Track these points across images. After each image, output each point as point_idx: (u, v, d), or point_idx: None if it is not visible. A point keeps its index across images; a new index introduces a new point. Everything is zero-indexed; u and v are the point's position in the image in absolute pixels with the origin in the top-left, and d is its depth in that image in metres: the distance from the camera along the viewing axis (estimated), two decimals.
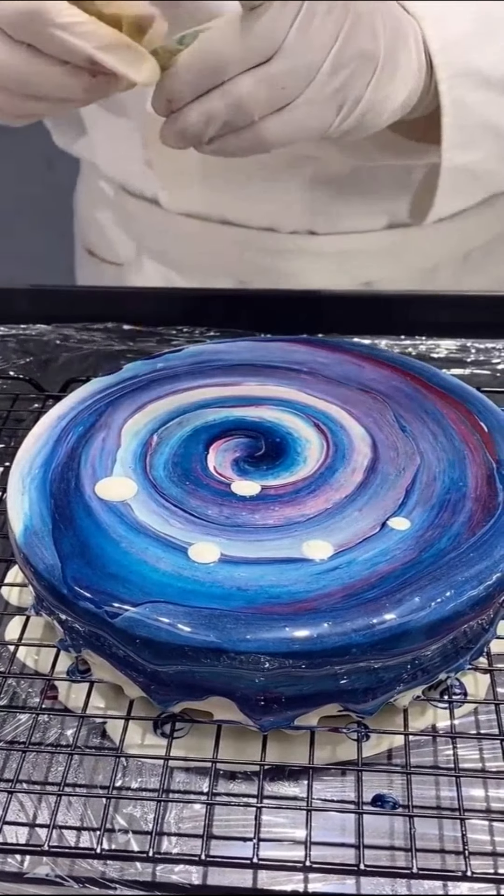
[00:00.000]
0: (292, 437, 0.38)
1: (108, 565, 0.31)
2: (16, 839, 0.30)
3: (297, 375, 0.41)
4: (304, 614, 0.29)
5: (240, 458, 0.37)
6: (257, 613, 0.29)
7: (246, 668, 0.29)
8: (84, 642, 0.32)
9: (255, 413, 0.39)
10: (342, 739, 0.33)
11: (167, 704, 0.31)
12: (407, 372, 0.41)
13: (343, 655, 0.29)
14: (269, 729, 0.31)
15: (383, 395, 0.40)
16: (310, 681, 0.30)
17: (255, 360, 0.42)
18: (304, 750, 0.31)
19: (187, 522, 0.33)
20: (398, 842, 0.30)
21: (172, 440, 0.38)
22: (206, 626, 0.29)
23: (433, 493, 0.34)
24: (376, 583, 0.30)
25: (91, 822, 0.31)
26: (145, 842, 0.30)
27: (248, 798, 0.31)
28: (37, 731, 0.33)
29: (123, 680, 0.32)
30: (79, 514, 0.34)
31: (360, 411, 0.39)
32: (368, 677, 0.30)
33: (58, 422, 0.39)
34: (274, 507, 0.34)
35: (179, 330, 0.54)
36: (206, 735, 0.32)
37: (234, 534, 0.33)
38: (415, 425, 0.38)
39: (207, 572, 0.31)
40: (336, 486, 0.35)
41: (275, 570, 0.31)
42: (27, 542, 0.33)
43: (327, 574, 0.31)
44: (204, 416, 0.39)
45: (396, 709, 0.32)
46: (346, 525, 0.33)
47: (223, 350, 0.43)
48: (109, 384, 0.41)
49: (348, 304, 0.52)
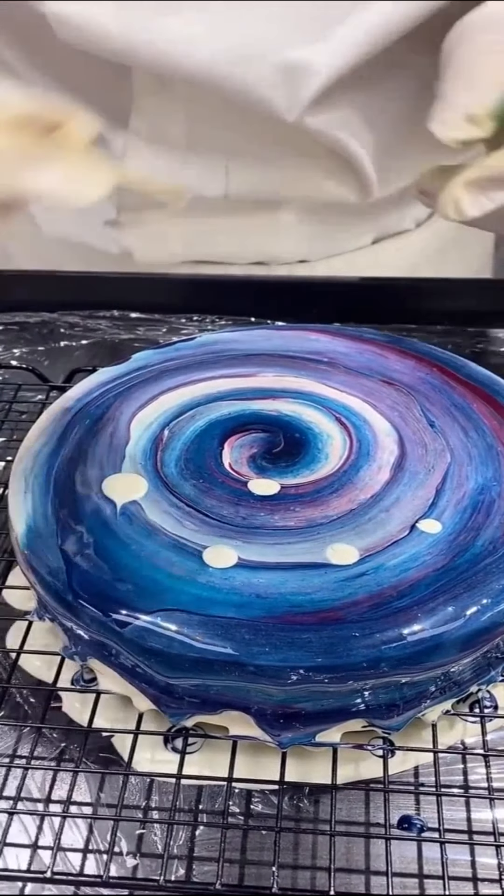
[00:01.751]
0: (313, 432, 0.36)
1: (116, 570, 0.29)
2: (17, 863, 0.28)
3: (317, 366, 0.39)
4: (329, 624, 0.28)
5: (257, 454, 0.35)
6: (278, 623, 0.28)
7: (265, 682, 0.27)
8: (90, 651, 0.30)
9: (272, 406, 0.37)
10: (366, 756, 0.31)
11: (179, 718, 0.30)
12: (433, 362, 0.39)
13: (371, 670, 0.27)
14: (288, 746, 0.29)
15: (409, 388, 0.38)
16: (334, 696, 0.28)
17: (272, 349, 0.40)
18: (325, 767, 0.29)
19: (202, 524, 0.31)
20: (429, 868, 0.28)
21: (185, 435, 0.36)
22: (222, 636, 0.27)
23: (465, 493, 0.32)
24: (406, 591, 0.29)
25: (97, 844, 0.29)
26: (155, 866, 0.28)
27: (266, 819, 0.29)
28: (39, 745, 0.31)
29: (132, 691, 0.30)
30: (85, 514, 0.32)
31: (384, 405, 0.37)
32: (396, 692, 0.28)
33: (63, 415, 0.37)
34: (294, 507, 0.32)
35: (189, 318, 0.52)
36: (221, 750, 0.30)
37: (252, 536, 0.31)
38: (444, 420, 0.36)
39: (224, 578, 0.29)
40: (361, 486, 0.33)
41: (296, 576, 0.29)
42: (30, 543, 0.31)
43: (353, 581, 0.29)
44: (218, 409, 0.37)
45: (423, 723, 0.30)
46: (372, 527, 0.31)
47: (238, 339, 0.41)
48: (117, 375, 0.39)
49: (369, 292, 0.50)
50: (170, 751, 0.31)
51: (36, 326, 0.52)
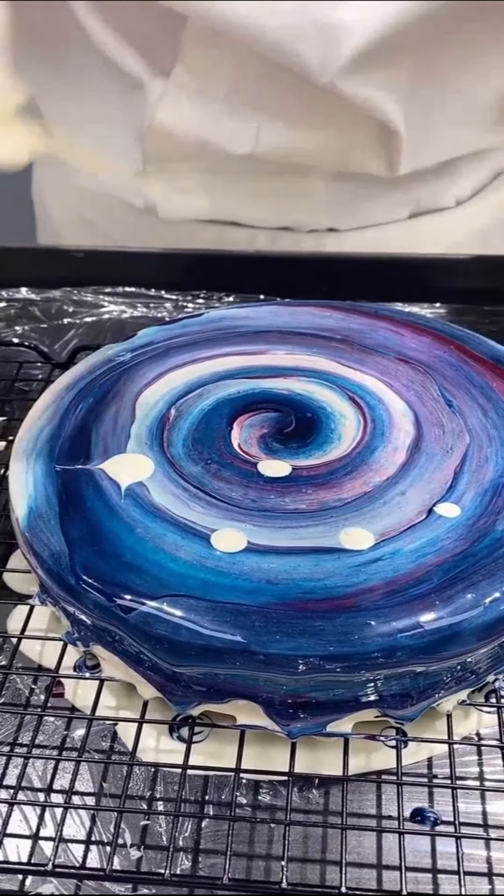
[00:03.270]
0: (325, 411, 0.35)
1: (121, 553, 0.28)
2: (17, 854, 0.28)
3: (329, 343, 0.38)
4: (342, 612, 0.27)
5: (267, 434, 0.34)
6: (289, 610, 0.27)
7: (275, 671, 0.26)
8: (93, 637, 0.29)
9: (283, 385, 0.36)
10: (378, 746, 0.30)
11: (185, 707, 0.29)
12: (450, 340, 0.38)
13: (386, 659, 0.26)
14: (298, 736, 0.28)
15: (425, 366, 0.36)
16: (346, 686, 0.27)
17: (283, 326, 0.39)
18: (335, 757, 0.28)
19: (209, 506, 0.30)
20: (443, 863, 0.27)
21: (192, 414, 0.34)
22: (231, 623, 0.26)
23: (485, 475, 0.31)
24: (424, 577, 0.27)
25: (100, 835, 0.28)
26: (160, 859, 0.27)
27: (275, 811, 0.28)
28: (41, 732, 0.30)
29: (137, 679, 0.29)
30: (89, 495, 0.31)
31: (400, 384, 0.35)
32: (410, 681, 0.27)
33: (65, 392, 0.36)
34: (306, 489, 0.31)
35: (196, 295, 0.51)
36: (228, 740, 0.29)
37: (262, 519, 0.30)
38: (461, 399, 0.35)
39: (232, 563, 0.28)
40: (375, 468, 0.32)
41: (308, 561, 0.28)
42: (31, 525, 0.30)
43: (368, 566, 0.28)
44: (227, 387, 0.36)
45: (437, 713, 0.29)
46: (387, 511, 0.30)
47: (247, 315, 0.40)
48: (122, 351, 0.38)
49: (380, 268, 0.49)
50: (175, 739, 0.30)
51: (38, 303, 0.51)
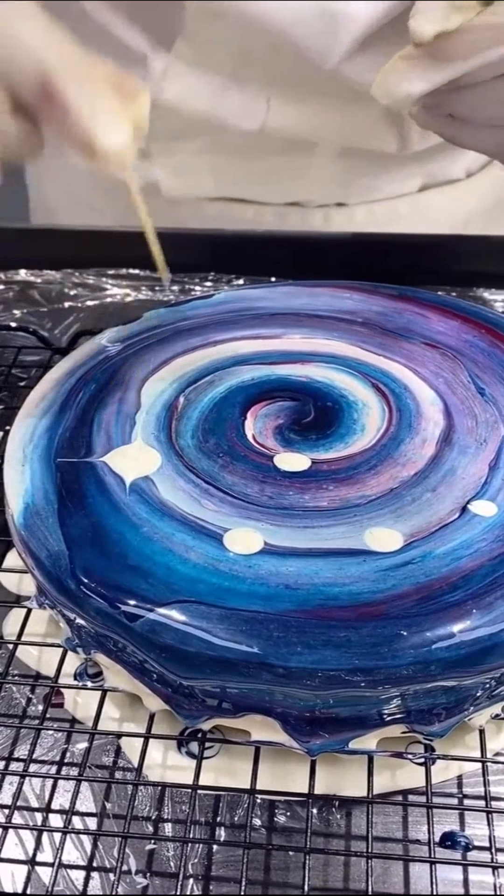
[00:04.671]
0: (346, 400, 0.33)
1: (125, 555, 0.27)
2: (13, 882, 0.26)
3: (350, 327, 0.36)
4: (369, 621, 0.25)
5: (284, 425, 0.32)
6: (311, 619, 0.25)
7: (295, 685, 0.24)
8: (95, 644, 0.28)
9: (300, 371, 0.34)
10: (404, 763, 0.28)
11: (194, 721, 0.27)
12: (481, 323, 0.36)
13: (419, 673, 0.24)
14: (318, 753, 0.26)
15: (454, 352, 0.34)
16: (372, 701, 0.25)
17: (300, 308, 0.37)
18: (358, 776, 0.27)
19: (222, 503, 0.28)
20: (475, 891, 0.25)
21: (202, 403, 0.33)
22: (246, 633, 0.24)
23: None
24: (459, 582, 0.25)
25: (103, 860, 0.26)
26: (168, 887, 0.25)
27: (292, 835, 0.26)
28: (39, 746, 0.29)
29: (142, 690, 0.27)
30: (90, 490, 0.29)
31: (427, 370, 0.34)
32: (441, 695, 0.25)
33: (66, 379, 0.34)
34: (327, 485, 0.29)
35: (204, 277, 0.49)
36: (241, 756, 0.27)
37: (280, 518, 0.28)
38: (495, 388, 0.33)
39: (248, 566, 0.26)
40: (402, 461, 0.30)
41: (331, 564, 0.26)
42: (28, 523, 0.28)
43: (397, 570, 0.26)
44: (240, 373, 0.34)
45: (468, 728, 0.28)
46: (416, 509, 0.28)
47: (261, 296, 0.38)
48: (127, 335, 0.36)
49: (401, 249, 0.46)
50: (184, 755, 0.28)
51: (38, 286, 0.49)
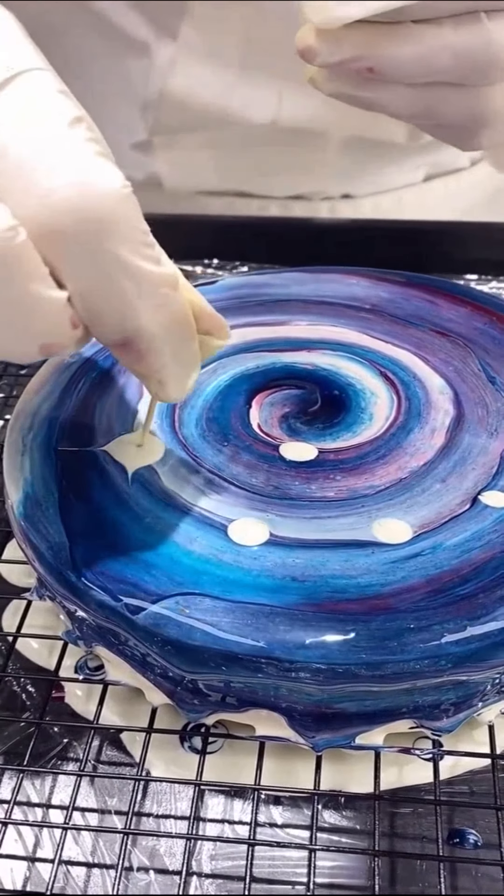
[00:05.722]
0: (354, 388, 0.32)
1: (128, 546, 0.26)
2: (12, 879, 0.25)
3: (357, 314, 0.35)
4: (378, 614, 0.24)
5: (290, 413, 0.31)
6: (318, 612, 0.24)
7: (302, 680, 0.24)
8: (96, 638, 0.27)
9: (306, 359, 0.33)
10: (411, 759, 0.27)
11: (198, 716, 0.26)
12: (492, 311, 0.35)
13: (429, 668, 0.24)
14: (324, 749, 0.26)
15: (465, 339, 0.34)
16: (380, 696, 0.24)
17: (306, 294, 0.36)
18: (364, 772, 0.26)
19: (227, 493, 0.28)
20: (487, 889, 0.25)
21: (206, 391, 0.32)
22: (252, 626, 0.24)
23: None
24: (470, 575, 0.25)
25: (104, 857, 0.26)
26: (171, 884, 0.25)
27: (298, 830, 0.26)
28: (39, 741, 0.28)
29: (144, 684, 0.27)
30: (92, 480, 0.28)
31: (437, 358, 0.33)
32: (451, 690, 0.25)
33: (66, 366, 0.33)
34: (334, 475, 0.29)
35: (207, 264, 0.48)
36: (245, 751, 0.27)
37: (286, 509, 0.27)
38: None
39: (253, 557, 0.26)
40: (411, 451, 0.29)
41: (339, 556, 0.26)
42: (28, 514, 0.28)
43: (406, 562, 0.25)
44: (244, 361, 0.33)
45: (477, 723, 0.27)
46: (426, 500, 0.27)
47: (267, 282, 0.37)
48: None
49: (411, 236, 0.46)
50: (187, 750, 0.28)
51: None
